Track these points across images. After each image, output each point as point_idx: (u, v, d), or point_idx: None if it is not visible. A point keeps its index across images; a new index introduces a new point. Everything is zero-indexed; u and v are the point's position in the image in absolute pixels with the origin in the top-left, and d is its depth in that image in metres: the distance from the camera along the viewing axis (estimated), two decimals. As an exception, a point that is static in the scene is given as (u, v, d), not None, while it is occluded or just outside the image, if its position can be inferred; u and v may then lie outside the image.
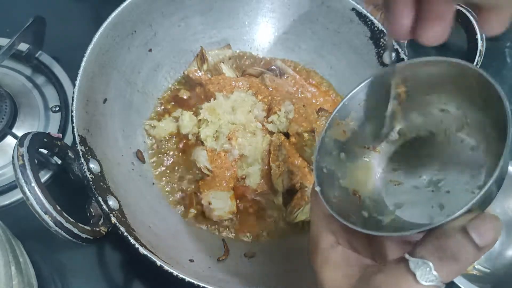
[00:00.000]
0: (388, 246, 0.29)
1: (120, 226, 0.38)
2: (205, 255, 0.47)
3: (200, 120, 0.55)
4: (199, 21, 0.59)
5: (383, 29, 0.54)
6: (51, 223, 0.33)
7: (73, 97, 0.43)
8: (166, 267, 0.37)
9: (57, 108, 0.59)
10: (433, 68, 0.29)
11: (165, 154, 0.55)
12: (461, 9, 0.48)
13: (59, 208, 0.33)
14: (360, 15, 0.56)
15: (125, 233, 0.38)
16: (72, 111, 0.42)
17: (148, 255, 0.38)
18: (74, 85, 0.43)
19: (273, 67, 0.61)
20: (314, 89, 0.60)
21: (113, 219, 0.38)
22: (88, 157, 0.41)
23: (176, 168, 0.54)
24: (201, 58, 0.59)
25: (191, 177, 0.53)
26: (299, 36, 0.63)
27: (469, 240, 0.23)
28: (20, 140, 0.34)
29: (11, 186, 0.52)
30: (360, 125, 0.33)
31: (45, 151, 0.52)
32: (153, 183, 0.53)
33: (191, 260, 0.45)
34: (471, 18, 0.47)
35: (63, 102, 0.59)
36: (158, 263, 0.38)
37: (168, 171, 0.54)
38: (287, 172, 0.52)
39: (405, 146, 0.33)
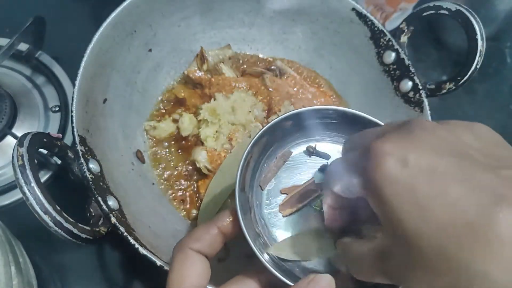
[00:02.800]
0: None
1: (119, 226, 0.38)
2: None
3: (200, 120, 0.54)
4: (199, 21, 0.59)
5: (383, 29, 0.54)
6: (50, 223, 0.33)
7: (73, 97, 0.43)
8: (166, 268, 0.37)
9: (57, 108, 0.59)
10: None
11: (165, 154, 0.55)
12: (461, 9, 0.48)
13: (58, 208, 0.33)
14: (360, 15, 0.56)
15: (125, 233, 0.38)
16: (72, 111, 0.42)
17: (148, 255, 0.38)
18: (74, 85, 0.43)
19: (273, 67, 0.61)
20: (314, 90, 0.60)
21: (113, 219, 0.38)
22: (88, 157, 0.41)
23: (176, 168, 0.54)
24: (201, 58, 0.59)
25: (191, 178, 0.53)
26: (299, 36, 0.62)
27: None
28: (20, 140, 0.34)
29: (11, 186, 0.52)
30: None
31: (45, 151, 0.52)
32: (153, 183, 0.53)
33: (191, 260, 0.45)
34: (471, 18, 0.47)
35: (63, 102, 0.59)
36: (158, 263, 0.38)
37: (168, 171, 0.54)
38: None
39: None
